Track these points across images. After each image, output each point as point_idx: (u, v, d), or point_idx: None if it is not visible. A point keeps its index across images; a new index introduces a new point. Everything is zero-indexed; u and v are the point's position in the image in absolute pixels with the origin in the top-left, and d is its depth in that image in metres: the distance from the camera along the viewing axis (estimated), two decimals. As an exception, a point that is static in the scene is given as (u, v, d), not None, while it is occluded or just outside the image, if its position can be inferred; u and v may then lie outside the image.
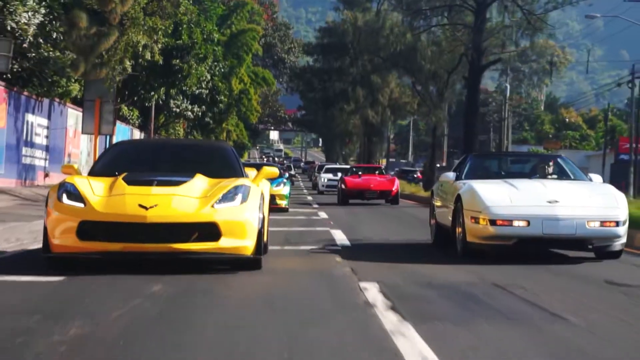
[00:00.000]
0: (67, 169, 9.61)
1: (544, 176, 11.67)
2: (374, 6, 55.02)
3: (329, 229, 15.47)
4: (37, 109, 26.43)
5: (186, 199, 8.22)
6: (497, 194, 10.27)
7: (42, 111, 26.98)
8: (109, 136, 26.48)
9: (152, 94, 35.54)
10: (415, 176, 58.93)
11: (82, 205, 8.15)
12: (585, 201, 10.20)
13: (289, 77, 77.52)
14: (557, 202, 10.07)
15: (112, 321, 5.85)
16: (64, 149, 29.71)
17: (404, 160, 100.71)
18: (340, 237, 13.74)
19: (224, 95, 48.86)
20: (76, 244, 8.05)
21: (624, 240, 10.32)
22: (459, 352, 5.05)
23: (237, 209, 8.27)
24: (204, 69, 38.31)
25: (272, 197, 20.00)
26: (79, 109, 28.43)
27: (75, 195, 8.26)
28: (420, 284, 8.09)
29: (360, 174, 30.09)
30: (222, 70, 45.33)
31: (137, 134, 40.33)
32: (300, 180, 66.87)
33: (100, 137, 25.62)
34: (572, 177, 11.64)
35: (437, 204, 12.37)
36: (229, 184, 8.61)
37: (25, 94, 25.22)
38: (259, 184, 9.22)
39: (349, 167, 38.50)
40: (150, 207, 8.02)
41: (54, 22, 23.75)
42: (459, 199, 10.62)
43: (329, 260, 10.13)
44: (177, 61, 35.26)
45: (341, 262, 9.82)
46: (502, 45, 40.69)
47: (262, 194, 8.94)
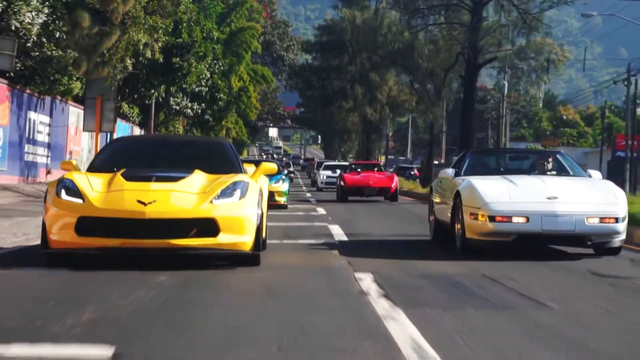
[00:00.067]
0: (66, 165, 9.54)
1: (543, 172, 11.61)
2: (372, 4, 55.37)
3: (326, 224, 15.76)
4: (39, 107, 26.69)
5: (185, 195, 8.21)
6: (496, 190, 10.23)
7: (44, 109, 27.24)
8: (110, 133, 26.81)
9: (152, 91, 35.81)
10: (412, 173, 59.18)
11: (80, 201, 8.13)
12: (584, 197, 10.16)
13: (288, 75, 77.53)
14: (556, 198, 10.02)
15: (121, 307, 6.24)
16: (66, 146, 29.99)
17: (403, 157, 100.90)
18: (337, 231, 14.04)
19: (224, 92, 49.07)
20: (75, 239, 8.05)
21: (624, 236, 10.28)
22: (445, 334, 5.42)
23: (236, 205, 8.27)
24: (204, 67, 38.54)
25: (271, 194, 19.71)
26: (80, 107, 28.68)
27: (73, 191, 8.23)
28: (412, 275, 8.43)
29: (359, 171, 29.82)
30: (222, 68, 45.57)
31: (137, 132, 40.51)
32: (299, 177, 67.13)
33: (101, 135, 25.93)
34: (571, 173, 11.60)
35: (436, 200, 12.33)
36: (228, 179, 8.59)
37: (27, 92, 25.43)
38: (257, 180, 9.21)
39: (347, 164, 38.31)
40: (148, 203, 8.01)
41: (57, 22, 24.04)
42: (458, 195, 10.57)
43: (326, 253, 10.51)
44: (177, 59, 35.54)
45: (338, 256, 10.14)
46: (499, 44, 40.98)
47: (260, 190, 8.92)
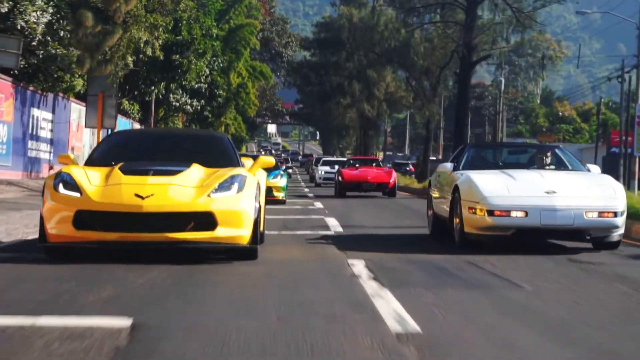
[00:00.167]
0: (63, 159, 9.56)
1: (542, 167, 11.62)
2: (370, 2, 56.04)
3: (323, 217, 16.38)
4: (42, 104, 27.19)
5: (182, 189, 8.21)
6: (494, 184, 10.20)
7: (47, 106, 27.75)
8: (111, 130, 27.40)
9: (152, 88, 36.29)
10: (407, 169, 59.84)
11: (78, 194, 8.14)
12: (583, 192, 10.13)
13: (286, 71, 77.94)
14: (555, 192, 10.00)
15: (138, 286, 6.98)
16: (68, 142, 30.48)
17: (401, 153, 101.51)
18: (333, 223, 14.68)
19: (223, 89, 49.57)
20: (72, 233, 8.06)
21: (622, 231, 10.28)
22: (425, 308, 6.16)
23: (234, 199, 8.27)
24: (203, 64, 39.04)
25: (269, 189, 19.95)
26: (82, 104, 29.24)
27: (71, 184, 8.25)
28: (401, 260, 9.15)
29: (357, 166, 29.86)
30: (221, 64, 46.11)
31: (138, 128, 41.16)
32: (297, 173, 67.80)
33: (102, 131, 26.50)
34: (570, 167, 11.59)
35: (435, 195, 12.35)
36: (225, 173, 8.59)
37: (30, 89, 25.92)
38: (255, 174, 9.22)
39: (346, 159, 38.46)
40: (146, 197, 8.01)
41: (61, 21, 24.59)
42: (456, 189, 10.56)
43: (322, 243, 11.22)
44: (177, 56, 36.02)
45: (333, 245, 10.80)
46: (493, 41, 41.60)
47: (258, 184, 8.94)
